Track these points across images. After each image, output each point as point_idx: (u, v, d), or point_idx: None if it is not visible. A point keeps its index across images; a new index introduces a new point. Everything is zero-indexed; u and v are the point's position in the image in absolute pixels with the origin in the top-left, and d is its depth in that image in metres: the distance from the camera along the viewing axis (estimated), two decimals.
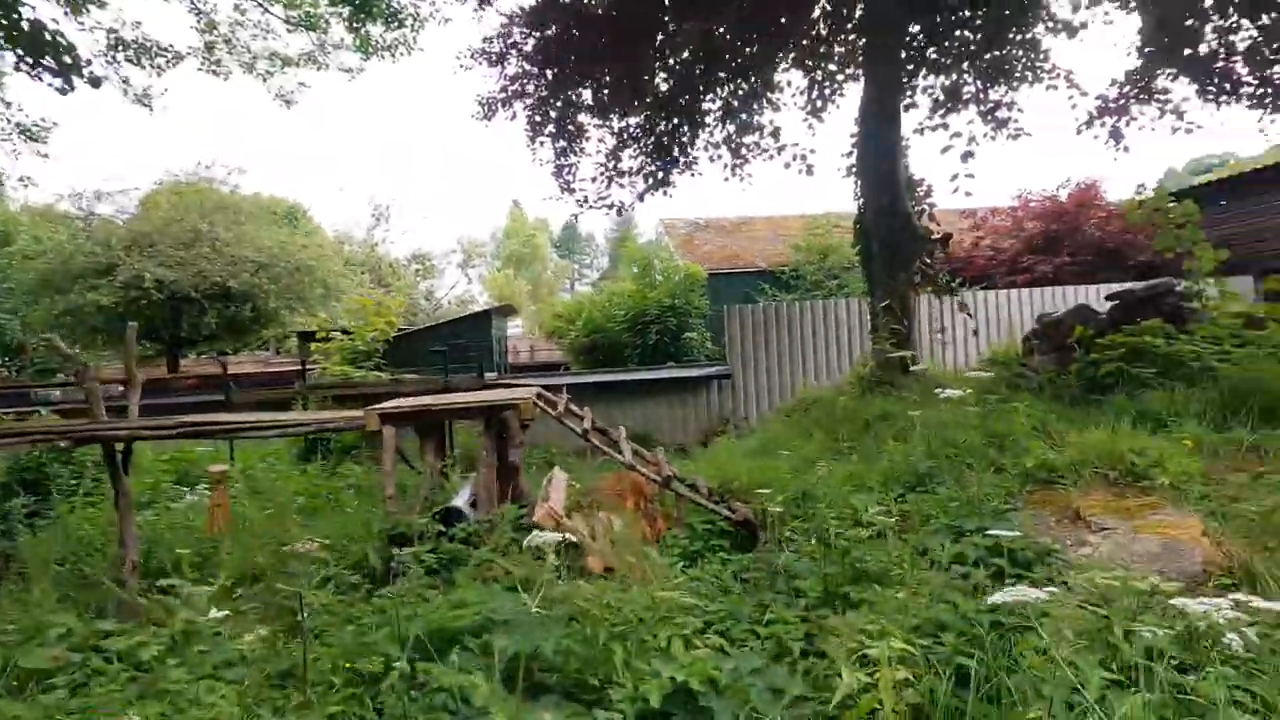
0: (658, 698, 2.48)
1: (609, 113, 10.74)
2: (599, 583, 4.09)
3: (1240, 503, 3.60)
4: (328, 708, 2.59)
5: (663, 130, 10.70)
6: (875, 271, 8.90)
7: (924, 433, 5.73)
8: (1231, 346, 5.47)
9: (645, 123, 10.88)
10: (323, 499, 6.72)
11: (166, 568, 4.89)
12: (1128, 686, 2.42)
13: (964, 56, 9.06)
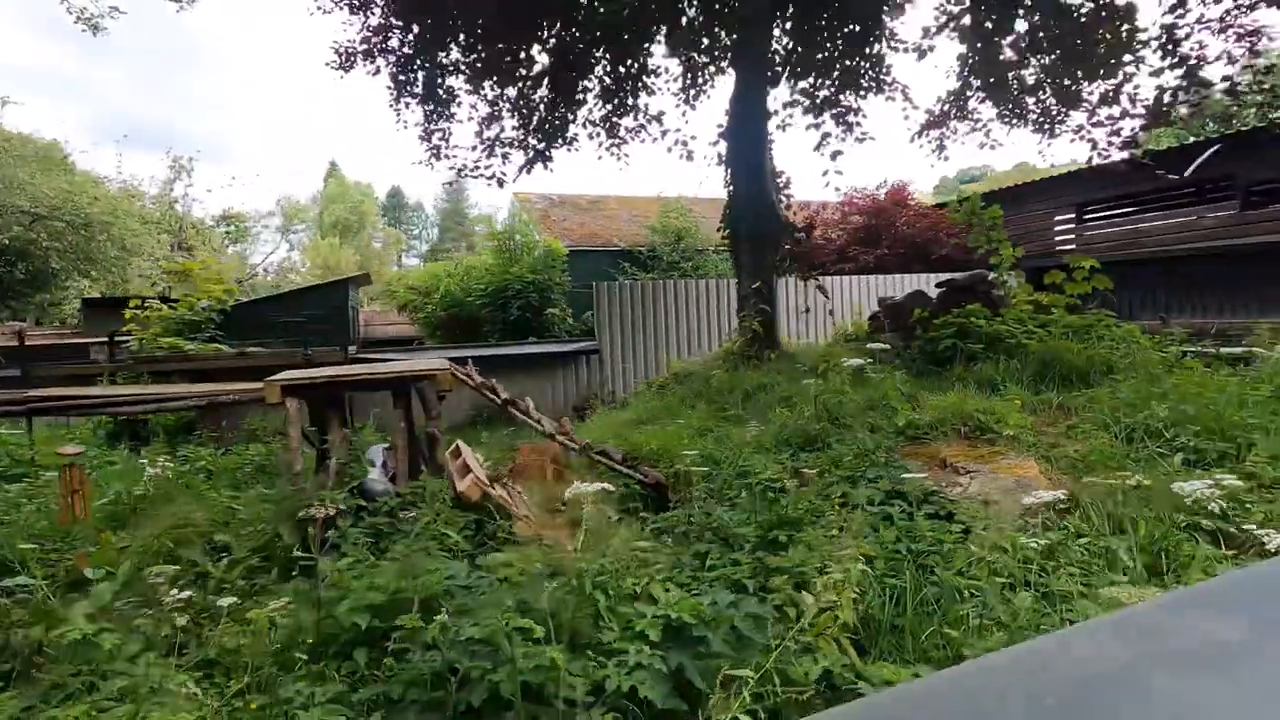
0: (657, 633, 2.73)
1: (483, 79, 10.39)
2: (536, 546, 4.24)
3: (1059, 448, 4.57)
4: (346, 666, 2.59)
5: (542, 103, 10.57)
6: (743, 255, 9.63)
7: (804, 400, 6.45)
8: (1034, 327, 6.75)
9: (521, 95, 10.68)
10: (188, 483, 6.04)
11: (14, 564, 4.20)
12: (1015, 588, 3.08)
13: (822, 64, 10.01)
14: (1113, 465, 4.13)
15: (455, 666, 2.58)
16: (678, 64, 10.62)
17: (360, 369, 5.52)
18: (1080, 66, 8.99)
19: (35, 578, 3.93)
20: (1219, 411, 4.43)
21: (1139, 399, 4.78)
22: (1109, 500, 3.77)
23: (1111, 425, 4.62)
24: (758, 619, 2.84)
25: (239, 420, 8.95)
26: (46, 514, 5.11)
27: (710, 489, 5.18)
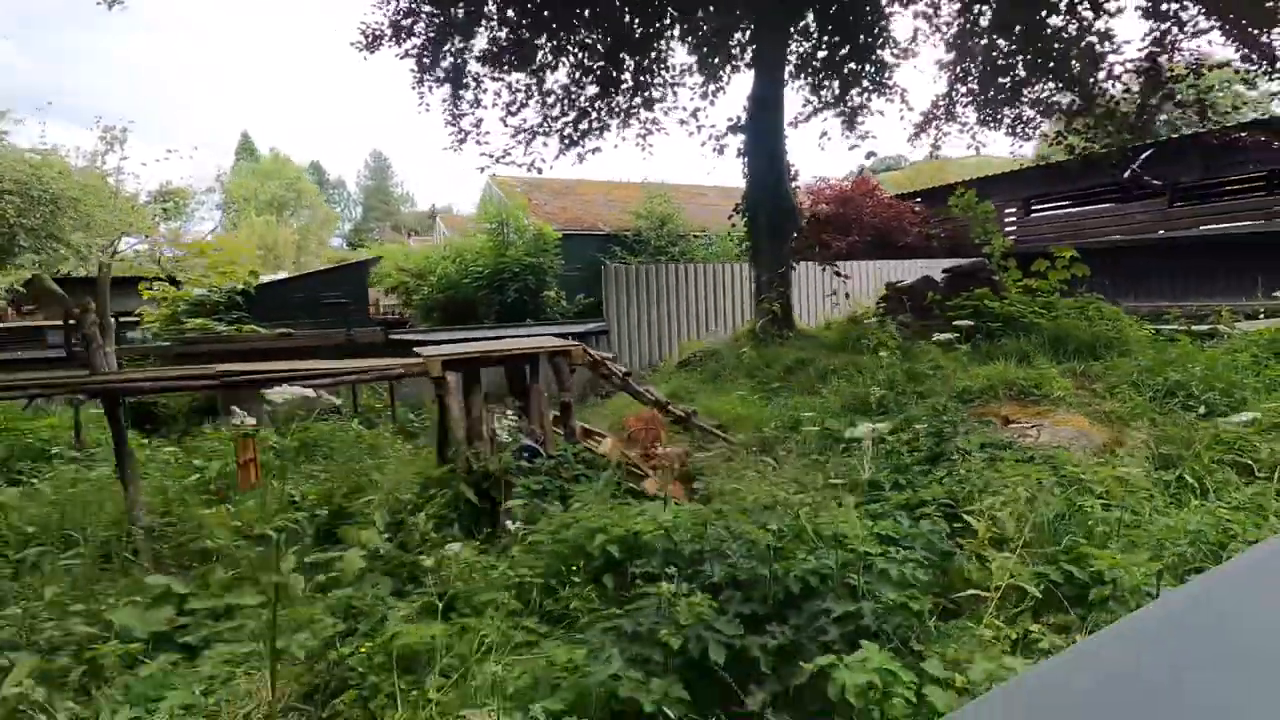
0: (875, 545, 3.46)
1: (509, 69, 10.69)
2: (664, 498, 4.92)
3: (1096, 406, 5.59)
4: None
5: (570, 96, 10.98)
6: (761, 241, 10.42)
7: (853, 371, 7.32)
8: (1039, 308, 7.84)
9: (540, 83, 11.04)
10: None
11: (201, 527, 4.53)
12: (1111, 508, 3.99)
13: (829, 65, 10.85)
14: (1147, 417, 5.17)
15: (736, 577, 3.24)
16: (695, 61, 11.24)
17: (507, 345, 5.97)
18: (1058, 81, 10.22)
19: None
20: (1217, 375, 5.56)
21: (1156, 365, 5.88)
22: (1152, 444, 4.78)
23: (1136, 387, 5.68)
24: (940, 535, 3.63)
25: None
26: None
27: (803, 448, 5.96)
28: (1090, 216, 17.26)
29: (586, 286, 16.56)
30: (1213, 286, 14.31)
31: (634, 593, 3.48)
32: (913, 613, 2.77)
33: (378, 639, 3.23)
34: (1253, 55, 9.10)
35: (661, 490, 5.40)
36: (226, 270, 10.19)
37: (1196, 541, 3.40)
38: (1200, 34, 9.41)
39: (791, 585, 3.01)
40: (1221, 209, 15.21)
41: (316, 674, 3.23)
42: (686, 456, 5.94)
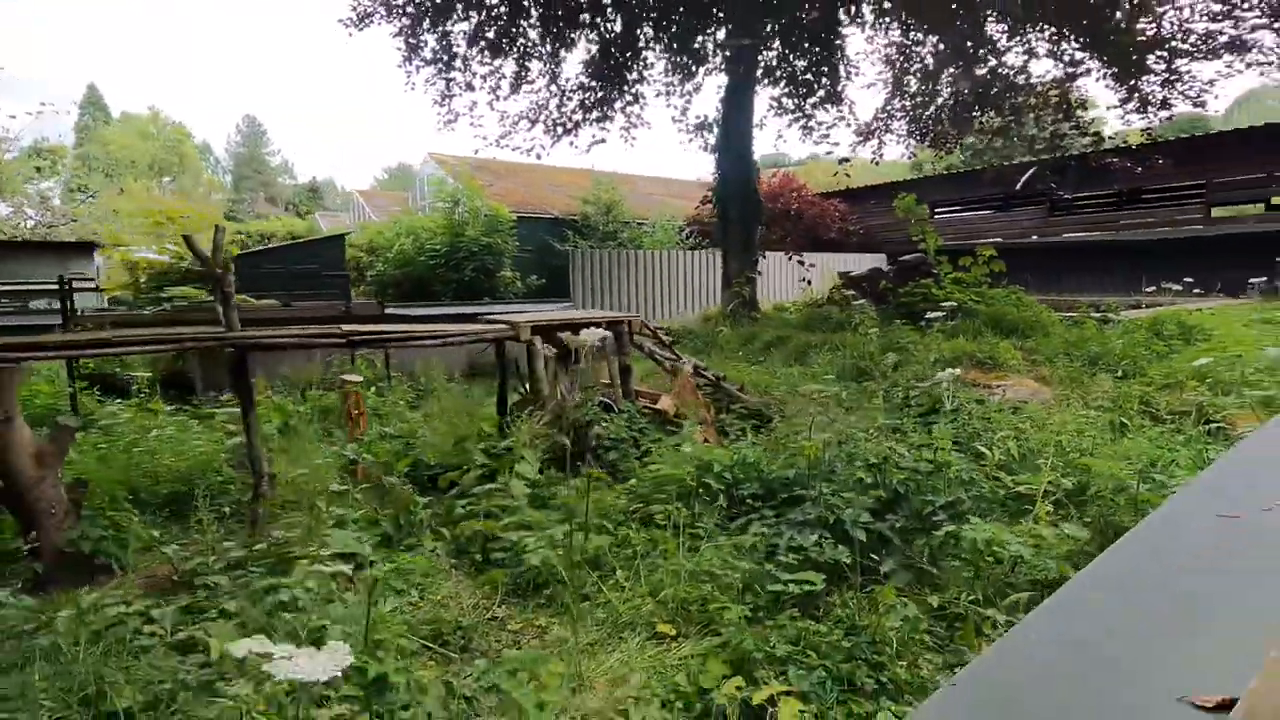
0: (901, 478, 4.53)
1: (496, 55, 11.06)
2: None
3: (1038, 372, 7.08)
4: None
5: (567, 91, 11.49)
6: (731, 231, 11.49)
7: (836, 347, 8.54)
8: (975, 296, 9.42)
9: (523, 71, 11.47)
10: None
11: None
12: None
13: (791, 76, 12.03)
14: (1079, 380, 6.68)
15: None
16: (667, 62, 12.10)
17: (576, 314, 6.59)
18: (983, 106, 12.00)
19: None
20: (1121, 349, 7.20)
21: (1078, 341, 7.47)
22: (1086, 396, 6.26)
23: (1067, 357, 7.23)
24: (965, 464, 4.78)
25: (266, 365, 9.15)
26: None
27: (809, 411, 7.06)
28: (983, 220, 19.80)
29: (537, 267, 17.06)
30: (1081, 282, 17.04)
31: (742, 509, 4.41)
32: (991, 501, 3.88)
33: (562, 547, 3.96)
34: (1129, 95, 11.21)
35: (676, 409, 6.36)
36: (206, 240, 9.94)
37: (1141, 458, 4.76)
38: (1087, 74, 11.42)
39: (896, 488, 4.04)
40: (1085, 220, 18.04)
41: (516, 576, 3.92)
42: (710, 406, 6.89)
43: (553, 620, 3.61)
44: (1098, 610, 0.77)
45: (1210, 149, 15.98)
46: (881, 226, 20.66)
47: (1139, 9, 9.92)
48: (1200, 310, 9.22)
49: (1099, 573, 0.91)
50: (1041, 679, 0.66)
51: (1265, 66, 10.23)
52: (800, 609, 3.37)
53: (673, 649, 3.26)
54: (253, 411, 4.81)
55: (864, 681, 2.88)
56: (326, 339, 4.83)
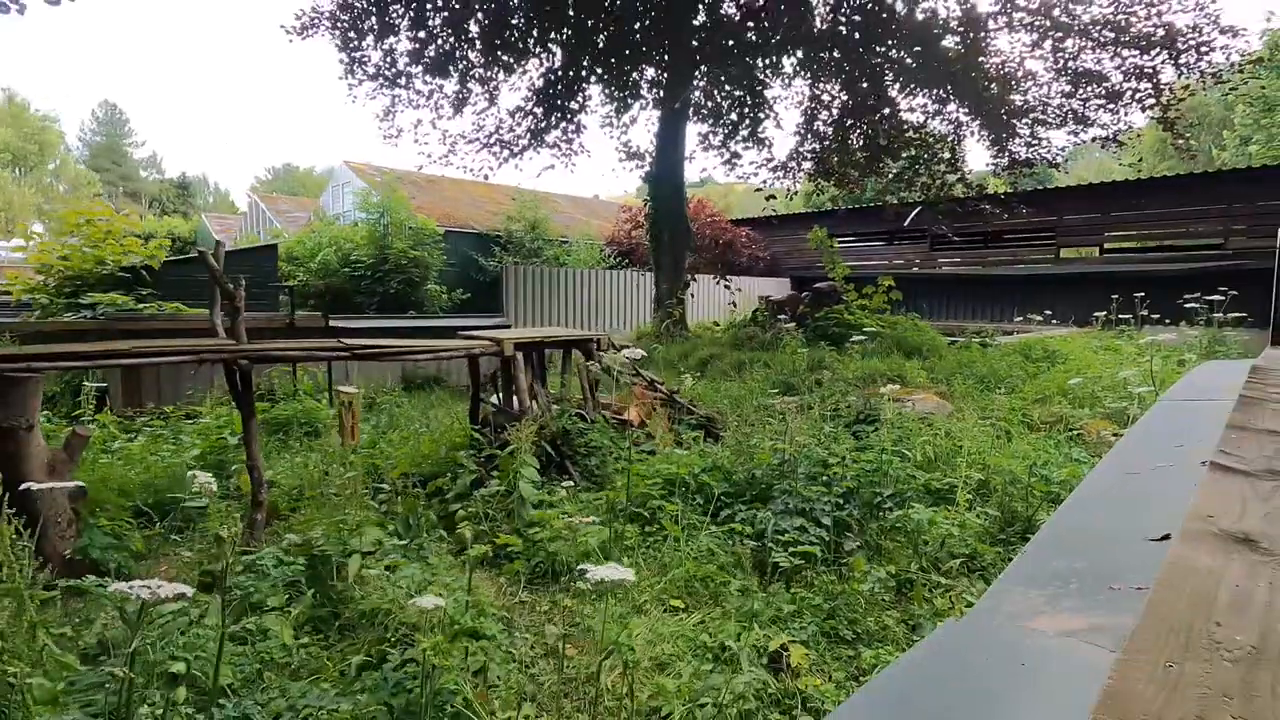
0: (853, 473, 5.43)
1: (436, 74, 11.30)
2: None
3: (936, 388, 8.29)
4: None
5: (519, 109, 11.85)
6: (663, 256, 12.30)
7: (762, 363, 9.47)
8: (879, 320, 10.70)
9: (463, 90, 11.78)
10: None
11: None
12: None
13: (716, 114, 13.07)
14: (970, 395, 7.92)
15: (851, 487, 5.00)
16: (601, 92, 12.83)
17: (549, 332, 7.03)
18: (887, 155, 13.59)
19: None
20: (999, 368, 8.57)
21: (966, 362, 8.79)
22: (979, 409, 7.49)
23: (959, 376, 8.51)
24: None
25: (175, 383, 8.97)
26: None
27: (743, 418, 7.89)
28: (873, 251, 21.88)
29: (462, 281, 17.19)
30: (958, 310, 19.28)
31: (717, 506, 5.11)
32: (920, 493, 4.79)
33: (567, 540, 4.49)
34: (999, 153, 13.18)
35: (641, 419, 7.03)
36: (127, 245, 9.49)
37: (1026, 458, 5.90)
38: (969, 134, 13.30)
39: (849, 483, 4.87)
40: (959, 255, 20.43)
41: (533, 567, 4.40)
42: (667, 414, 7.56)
43: (575, 602, 4.13)
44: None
45: (1058, 198, 18.68)
46: (785, 253, 22.33)
47: (1009, 85, 11.82)
48: (1057, 337, 10.98)
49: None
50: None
51: (1103, 139, 12.45)
52: (786, 581, 4.11)
53: (686, 618, 3.88)
54: (253, 421, 5.00)
55: (844, 633, 3.65)
56: (329, 352, 5.08)
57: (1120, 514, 1.68)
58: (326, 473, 5.60)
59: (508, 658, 3.29)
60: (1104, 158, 64.43)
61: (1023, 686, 0.86)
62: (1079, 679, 0.83)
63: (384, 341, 5.43)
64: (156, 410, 7.92)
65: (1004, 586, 1.25)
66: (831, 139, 13.64)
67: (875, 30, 11.33)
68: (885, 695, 0.92)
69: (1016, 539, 4.74)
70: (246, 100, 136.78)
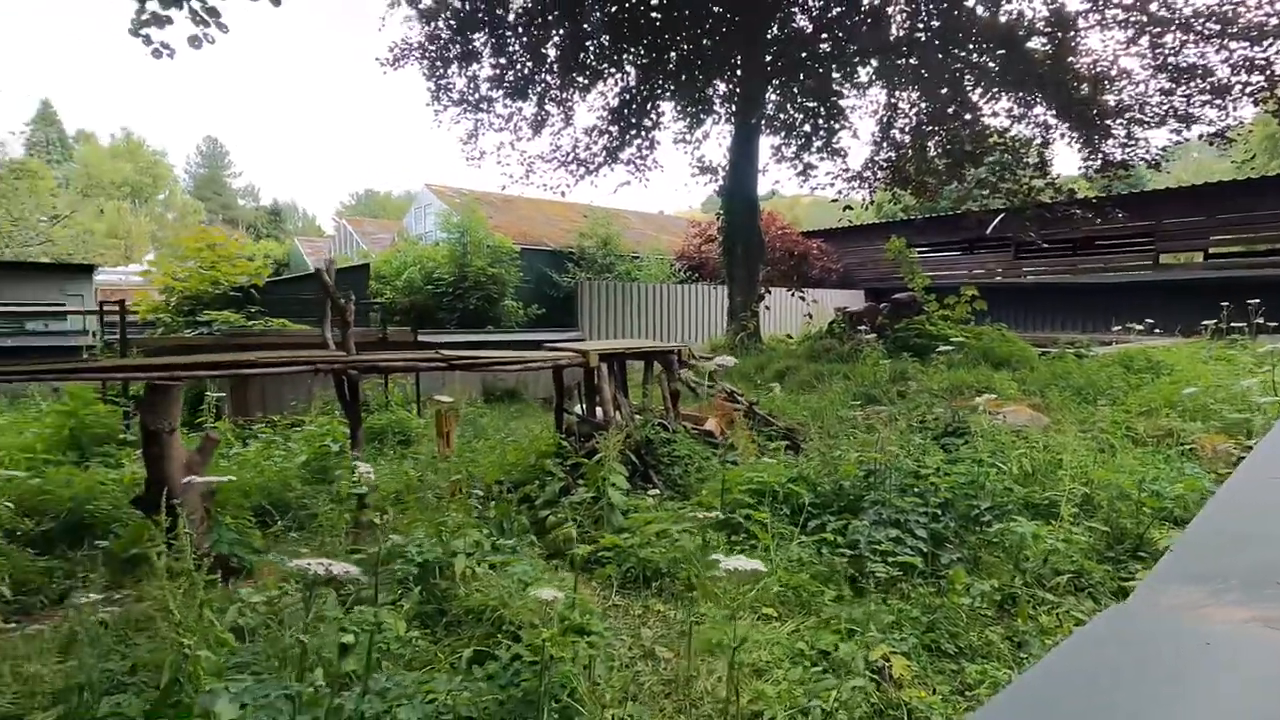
0: (947, 485, 5.27)
1: (518, 98, 11.83)
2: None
3: (1030, 401, 7.95)
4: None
5: (594, 128, 12.29)
6: (737, 269, 12.32)
7: (845, 375, 9.33)
8: (964, 331, 10.36)
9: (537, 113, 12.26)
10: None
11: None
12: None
13: (789, 126, 13.08)
14: (1068, 406, 7.57)
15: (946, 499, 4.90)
16: (676, 111, 13.06)
17: (632, 343, 7.21)
18: (968, 161, 13.24)
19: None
20: (1098, 379, 8.15)
21: (1061, 373, 8.41)
22: (1078, 422, 7.14)
23: (1055, 388, 8.14)
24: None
25: (278, 393, 9.56)
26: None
27: (825, 430, 7.79)
28: (951, 261, 21.20)
29: (537, 297, 17.67)
30: (1043, 320, 18.40)
31: (805, 515, 5.06)
32: (1024, 506, 4.62)
33: (664, 546, 4.56)
34: (1091, 155, 12.60)
35: (721, 430, 7.02)
36: (239, 266, 10.30)
37: (1134, 473, 5.59)
38: (1059, 137, 12.79)
39: (943, 495, 4.75)
40: (1045, 263, 19.55)
41: (625, 570, 4.48)
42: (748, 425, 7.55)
43: (667, 607, 4.18)
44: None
45: (1156, 201, 17.63)
46: (858, 264, 21.92)
47: (1101, 84, 11.31)
48: (1161, 347, 10.35)
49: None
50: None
51: (1210, 136, 11.69)
52: (882, 593, 4.04)
53: (780, 626, 3.87)
54: (360, 428, 5.31)
55: (946, 646, 3.56)
56: (429, 363, 5.36)
57: (1273, 517, 1.62)
58: (422, 478, 5.91)
59: (609, 657, 3.38)
60: (1204, 158, 60.33)
61: (1210, 665, 0.87)
62: (1269, 658, 0.83)
63: (477, 353, 5.67)
64: (264, 419, 8.49)
65: (1155, 584, 1.24)
66: (909, 147, 13.37)
67: (955, 34, 11.09)
68: (1053, 678, 0.93)
69: (1127, 556, 4.52)
70: (330, 131, 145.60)
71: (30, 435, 6.96)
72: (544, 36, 11.26)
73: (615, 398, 6.55)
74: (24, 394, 9.98)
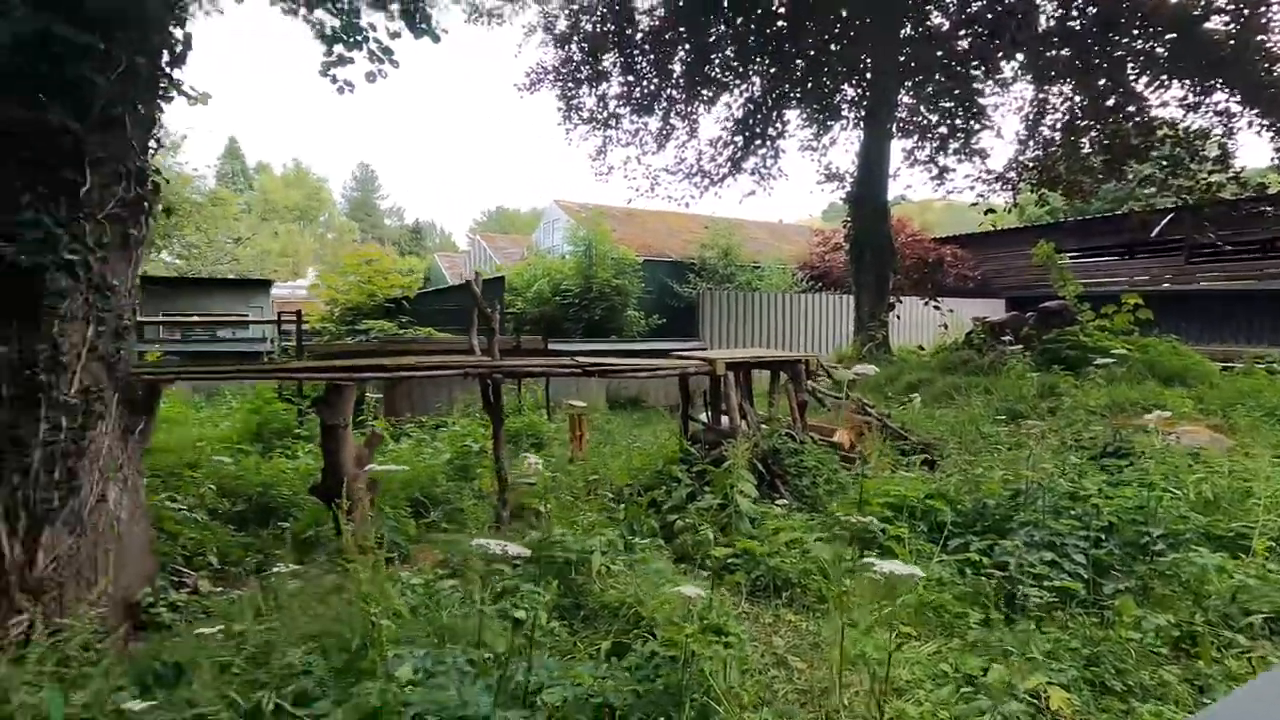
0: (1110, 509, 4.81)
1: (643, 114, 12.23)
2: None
3: (1208, 420, 7.11)
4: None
5: (719, 140, 12.54)
6: (865, 276, 11.94)
7: (986, 389, 8.77)
8: (1126, 343, 9.42)
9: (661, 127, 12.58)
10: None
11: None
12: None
13: (924, 128, 12.56)
14: (1258, 428, 6.69)
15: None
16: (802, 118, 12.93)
17: (755, 352, 7.26)
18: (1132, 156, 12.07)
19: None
20: None
21: (1249, 390, 7.45)
22: (1272, 445, 6.30)
23: (1240, 406, 7.23)
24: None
25: (423, 396, 10.27)
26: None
27: (964, 446, 7.35)
28: (1107, 266, 19.29)
29: (658, 307, 17.96)
30: (1221, 331, 16.30)
31: (946, 534, 4.81)
32: (1204, 536, 4.16)
33: (795, 556, 4.50)
34: None
35: (851, 442, 6.79)
36: (392, 281, 11.34)
37: None
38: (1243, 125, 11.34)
39: (1107, 519, 4.37)
40: (1223, 268, 17.31)
41: (754, 578, 4.47)
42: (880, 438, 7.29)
43: (799, 617, 4.13)
44: None
45: None
46: (996, 272, 20.46)
47: None
48: None
49: None
50: None
51: None
52: (1035, 619, 3.77)
53: (920, 646, 3.71)
54: (501, 429, 5.65)
55: (1112, 683, 3.27)
56: (566, 368, 5.64)
57: None
58: (555, 477, 6.18)
59: (743, 660, 3.40)
60: None
61: None
62: None
63: (609, 360, 5.90)
64: (412, 419, 9.23)
65: None
66: (1059, 144, 12.38)
67: (1115, 21, 10.15)
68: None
69: None
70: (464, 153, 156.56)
71: (225, 428, 7.98)
72: (670, 53, 11.53)
73: (741, 406, 6.55)
74: (217, 392, 11.46)
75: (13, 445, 3.47)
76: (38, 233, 3.43)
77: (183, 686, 2.79)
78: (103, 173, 3.68)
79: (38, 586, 3.49)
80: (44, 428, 3.53)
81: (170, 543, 4.73)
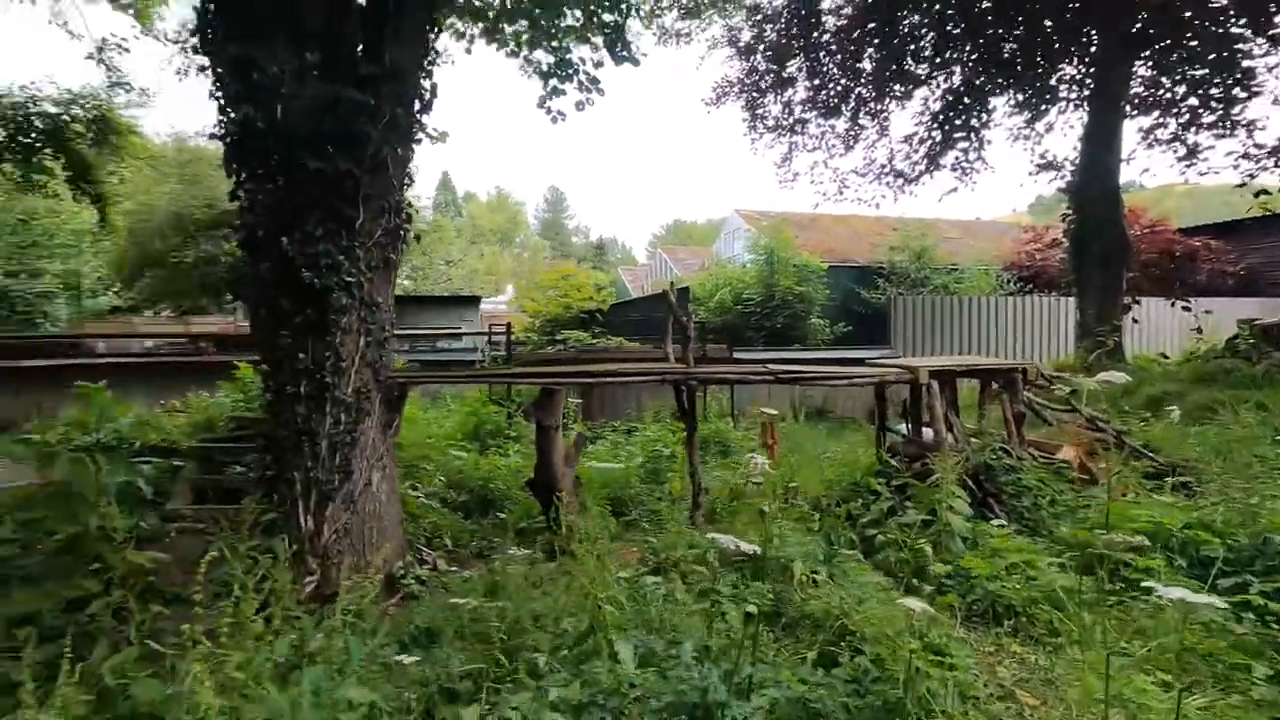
0: None
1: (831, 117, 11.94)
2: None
3: None
4: None
5: (914, 136, 12.03)
6: (1092, 272, 10.56)
7: (1260, 404, 7.37)
8: None
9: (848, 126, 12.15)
10: None
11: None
12: None
13: (1165, 103, 10.87)
14: None
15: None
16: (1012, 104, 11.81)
17: (964, 360, 6.85)
18: None
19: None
20: None
21: None
22: None
23: None
24: None
25: (615, 401, 10.69)
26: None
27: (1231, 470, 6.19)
28: None
29: (843, 315, 17.28)
30: None
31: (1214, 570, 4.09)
32: None
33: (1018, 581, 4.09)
34: None
35: (1080, 460, 5.98)
36: (585, 294, 12.14)
37: None
38: None
39: None
40: None
41: (970, 602, 4.14)
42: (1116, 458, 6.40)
43: (1024, 649, 3.76)
44: None
45: None
46: (1267, 265, 17.00)
47: None
48: None
49: None
50: None
51: None
52: None
53: (1186, 698, 3.22)
54: (695, 434, 5.79)
55: None
56: (757, 376, 5.66)
57: None
58: (747, 483, 6.21)
59: (966, 688, 3.17)
60: None
61: None
62: None
63: (800, 367, 5.81)
64: (605, 423, 9.75)
65: None
66: None
67: None
68: None
69: None
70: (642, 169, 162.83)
71: (448, 427, 8.99)
72: (859, 51, 11.09)
73: (946, 417, 6.10)
74: (439, 395, 12.95)
75: (307, 435, 4.23)
76: (327, 260, 4.17)
77: (435, 648, 3.22)
78: (372, 208, 4.38)
79: (324, 553, 4.20)
80: (329, 421, 4.26)
81: (414, 524, 5.44)
